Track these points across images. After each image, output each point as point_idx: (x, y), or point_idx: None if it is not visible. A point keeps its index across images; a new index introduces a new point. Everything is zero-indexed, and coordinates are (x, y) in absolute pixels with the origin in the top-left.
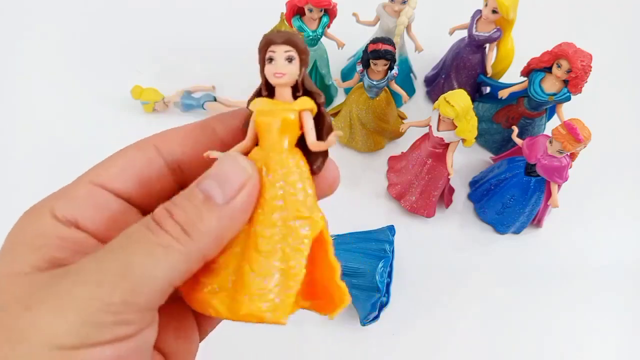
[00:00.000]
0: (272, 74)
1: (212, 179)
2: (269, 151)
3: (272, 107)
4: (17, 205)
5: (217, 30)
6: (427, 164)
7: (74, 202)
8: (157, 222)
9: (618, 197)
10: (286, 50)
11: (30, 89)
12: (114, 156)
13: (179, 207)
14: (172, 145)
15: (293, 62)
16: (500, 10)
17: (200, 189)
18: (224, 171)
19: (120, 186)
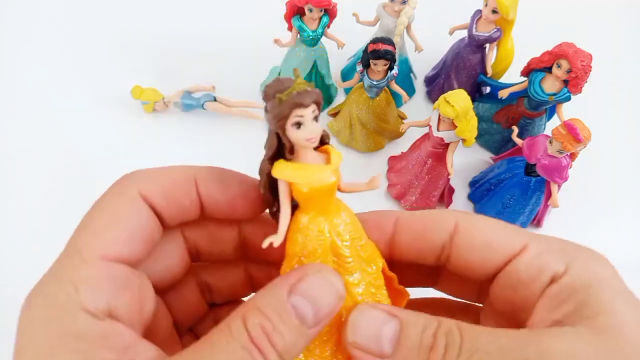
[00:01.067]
0: (305, 139)
1: (306, 298)
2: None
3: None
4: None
5: (218, 30)
6: (427, 164)
7: (99, 289)
8: (257, 346)
9: (618, 197)
10: (313, 110)
11: (29, 89)
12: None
13: (277, 331)
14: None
15: (318, 120)
16: (500, 10)
17: (294, 306)
18: (317, 293)
19: (130, 254)
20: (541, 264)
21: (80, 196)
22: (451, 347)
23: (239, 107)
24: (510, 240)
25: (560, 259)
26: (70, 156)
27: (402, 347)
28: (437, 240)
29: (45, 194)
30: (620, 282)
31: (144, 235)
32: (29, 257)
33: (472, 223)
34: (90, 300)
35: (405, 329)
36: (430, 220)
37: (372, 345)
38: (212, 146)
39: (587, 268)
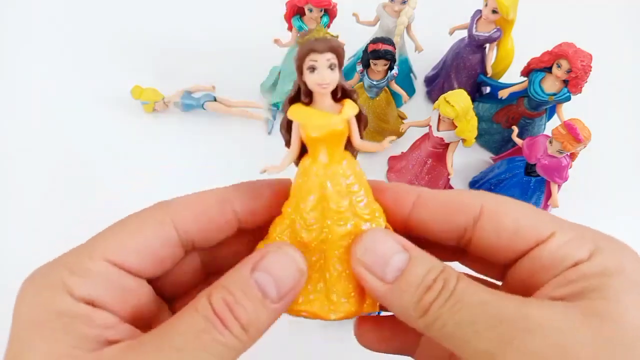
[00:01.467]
0: (316, 84)
1: (268, 273)
2: (328, 163)
3: (321, 119)
4: (17, 205)
5: (218, 31)
6: (427, 164)
7: (90, 282)
8: (220, 318)
9: (618, 197)
10: (328, 58)
11: (30, 88)
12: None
13: (239, 304)
14: (188, 222)
15: (335, 70)
16: (500, 10)
17: (257, 282)
18: (279, 267)
19: (135, 265)
20: (566, 253)
21: (80, 196)
22: (443, 292)
23: (239, 107)
24: (538, 226)
25: (586, 247)
26: (70, 156)
27: (404, 279)
28: (459, 224)
29: (45, 193)
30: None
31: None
32: (29, 257)
33: (500, 207)
34: (76, 287)
35: (412, 265)
36: (454, 202)
37: (378, 268)
38: (212, 146)
39: (610, 258)
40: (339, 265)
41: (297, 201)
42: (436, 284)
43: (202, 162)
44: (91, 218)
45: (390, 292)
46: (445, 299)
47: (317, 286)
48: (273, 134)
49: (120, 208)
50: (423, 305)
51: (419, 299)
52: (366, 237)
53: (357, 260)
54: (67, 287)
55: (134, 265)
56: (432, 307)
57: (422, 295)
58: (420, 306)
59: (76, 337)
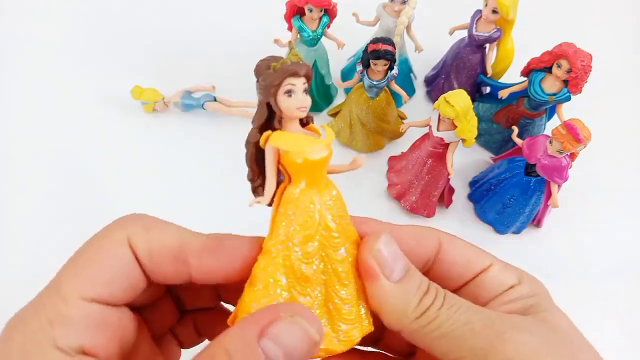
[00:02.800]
0: (296, 108)
1: (277, 344)
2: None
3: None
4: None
5: (218, 31)
6: (427, 164)
7: (73, 328)
8: None
9: (618, 197)
10: (304, 82)
11: (29, 88)
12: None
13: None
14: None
15: (307, 94)
16: (500, 10)
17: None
18: (289, 339)
19: (109, 295)
20: (502, 279)
21: (80, 195)
22: (438, 297)
23: (239, 107)
24: (480, 259)
25: (514, 275)
26: (70, 156)
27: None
28: (424, 256)
29: (45, 193)
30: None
31: (125, 279)
32: (29, 256)
33: (452, 243)
34: (63, 339)
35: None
36: (419, 238)
37: (389, 264)
38: (212, 146)
39: (532, 284)
40: (343, 292)
41: (287, 234)
42: (431, 290)
43: (202, 162)
44: (91, 218)
45: (395, 290)
46: (441, 303)
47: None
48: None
49: (120, 208)
50: (422, 306)
51: (419, 299)
52: (384, 236)
53: (372, 252)
54: (52, 341)
55: (108, 295)
56: (430, 309)
57: (421, 297)
58: (420, 307)
59: None
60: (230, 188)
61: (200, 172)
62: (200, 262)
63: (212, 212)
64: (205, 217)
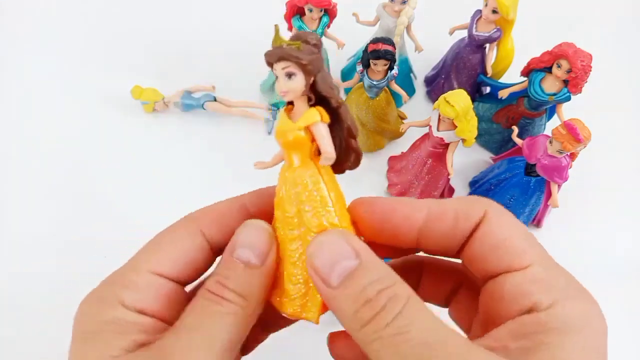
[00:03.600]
0: (279, 92)
1: (245, 246)
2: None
3: (282, 127)
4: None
5: (218, 31)
6: (427, 164)
7: (139, 292)
8: (218, 294)
9: (618, 197)
10: (283, 67)
11: (30, 89)
12: (167, 241)
13: (229, 278)
14: (214, 228)
15: (294, 78)
16: (500, 10)
17: (238, 258)
18: (251, 239)
19: (175, 273)
20: (529, 291)
21: (80, 195)
22: (386, 312)
23: (239, 107)
24: (519, 251)
25: (552, 293)
26: (70, 156)
27: (346, 285)
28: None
29: (45, 193)
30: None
31: (193, 261)
32: (29, 255)
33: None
34: (129, 299)
35: (359, 272)
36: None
37: (324, 270)
38: (212, 146)
39: (571, 314)
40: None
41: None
42: (378, 298)
43: (202, 162)
44: (91, 217)
45: (334, 297)
46: (387, 323)
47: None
48: (273, 134)
49: (120, 207)
50: (360, 318)
51: (357, 309)
52: (319, 238)
53: (307, 260)
54: (118, 298)
55: (175, 273)
56: (371, 324)
57: (360, 306)
58: (357, 318)
59: (127, 342)
60: (230, 188)
61: (200, 172)
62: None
63: None
64: None
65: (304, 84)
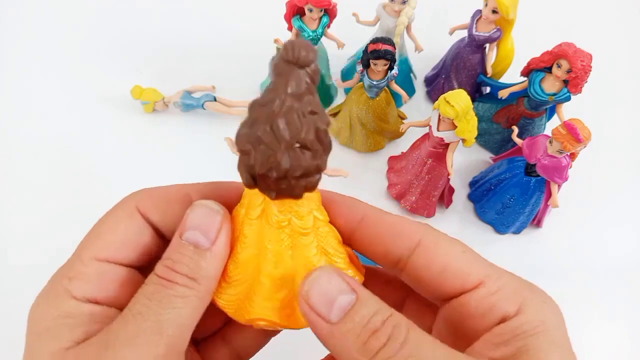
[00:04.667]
0: None
1: (194, 228)
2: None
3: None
4: (17, 205)
5: (218, 30)
6: (427, 164)
7: (87, 282)
8: (167, 279)
9: (618, 197)
10: None
11: (29, 88)
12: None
13: (178, 261)
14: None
15: None
16: (500, 10)
17: (187, 240)
18: (201, 219)
19: (122, 257)
20: (494, 303)
21: (80, 195)
22: (393, 340)
23: (239, 107)
24: (466, 271)
25: (514, 300)
26: (70, 155)
27: (348, 320)
28: (396, 252)
29: (45, 193)
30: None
31: (136, 242)
32: (28, 255)
33: (433, 246)
34: (78, 290)
35: (359, 305)
36: (396, 229)
37: (322, 307)
38: (212, 146)
39: (535, 315)
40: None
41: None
42: (384, 328)
43: (202, 161)
44: (91, 216)
45: (334, 333)
46: (397, 349)
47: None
48: None
49: None
50: (369, 349)
51: (364, 341)
52: (314, 274)
53: (302, 297)
54: (67, 291)
55: (120, 257)
56: (381, 354)
57: (367, 337)
58: (366, 349)
59: (78, 334)
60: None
61: (199, 171)
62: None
63: None
64: None
65: None
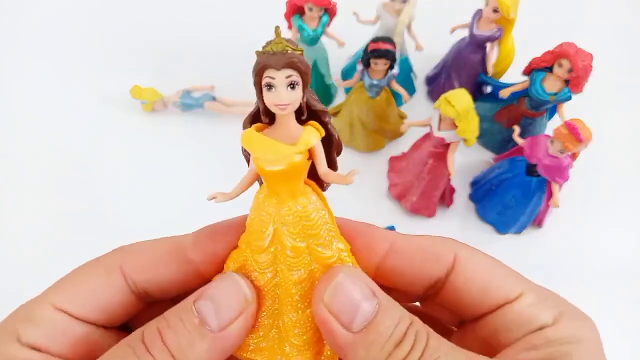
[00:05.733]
0: (274, 105)
1: (210, 300)
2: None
3: (274, 152)
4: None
5: (217, 30)
6: (428, 164)
7: (37, 328)
8: (146, 345)
9: (618, 197)
10: (288, 75)
11: (29, 88)
12: (78, 277)
13: (171, 329)
14: (139, 271)
15: (296, 88)
16: (501, 10)
17: (197, 309)
18: (222, 294)
19: (84, 313)
20: (532, 315)
21: (80, 194)
22: (417, 347)
23: (239, 106)
24: (506, 285)
25: (551, 312)
26: (70, 155)
27: (373, 330)
28: (432, 274)
29: (44, 192)
30: (598, 347)
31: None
32: (28, 254)
33: (471, 262)
34: (24, 334)
35: (382, 314)
36: (428, 252)
37: (346, 315)
38: (212, 146)
39: (572, 327)
40: (292, 314)
41: (250, 239)
42: (407, 338)
43: (201, 161)
44: (90, 216)
45: (357, 343)
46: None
47: (269, 333)
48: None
49: (119, 206)
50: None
51: (389, 353)
52: (338, 279)
53: (322, 303)
54: (16, 333)
55: (81, 312)
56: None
57: (391, 349)
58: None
59: None
60: (229, 187)
61: (199, 171)
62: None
63: (211, 211)
64: (204, 216)
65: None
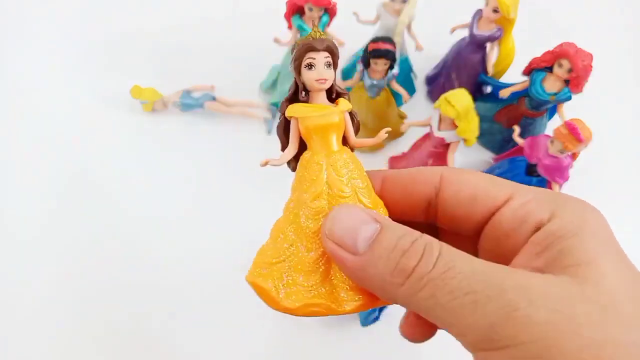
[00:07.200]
0: (315, 80)
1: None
2: (328, 153)
3: (318, 112)
4: (17, 204)
5: (217, 30)
6: (428, 164)
7: None
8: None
9: (619, 196)
10: (326, 56)
11: (29, 88)
12: None
13: None
14: None
15: (331, 68)
16: (501, 10)
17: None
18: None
19: None
20: (524, 213)
21: (79, 194)
22: (427, 257)
23: (239, 106)
24: (494, 191)
25: (546, 207)
26: (70, 155)
27: (377, 246)
28: (422, 195)
29: (44, 192)
30: (608, 232)
31: None
32: (28, 254)
33: (457, 176)
34: None
35: (384, 231)
36: (415, 176)
37: (347, 239)
38: (212, 146)
39: (574, 216)
40: None
41: (299, 194)
42: (415, 247)
43: (201, 161)
44: (90, 216)
45: (364, 264)
46: (432, 264)
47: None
48: (272, 134)
49: (120, 206)
50: (403, 269)
51: (396, 262)
52: (334, 211)
53: (326, 235)
54: None
55: None
56: (416, 272)
57: (398, 258)
58: (399, 270)
59: None
60: (229, 187)
61: (199, 171)
62: None
63: (211, 210)
64: (204, 215)
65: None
